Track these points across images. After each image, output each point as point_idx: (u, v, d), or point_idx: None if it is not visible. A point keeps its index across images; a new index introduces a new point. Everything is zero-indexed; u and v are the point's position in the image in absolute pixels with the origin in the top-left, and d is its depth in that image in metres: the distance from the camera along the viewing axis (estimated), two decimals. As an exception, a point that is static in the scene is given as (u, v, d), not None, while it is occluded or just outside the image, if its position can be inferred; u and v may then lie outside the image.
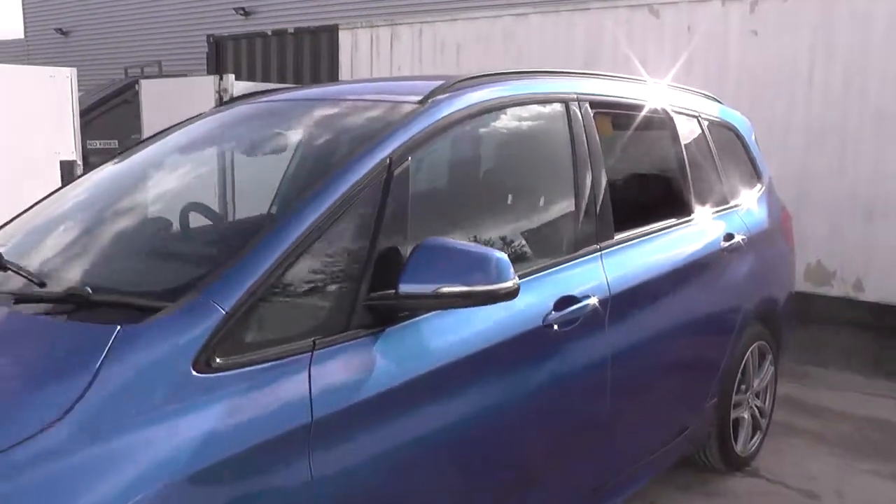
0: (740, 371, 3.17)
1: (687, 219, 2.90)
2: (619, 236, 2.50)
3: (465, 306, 1.76)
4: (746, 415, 3.31)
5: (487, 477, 2.00)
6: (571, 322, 2.17)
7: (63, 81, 5.46)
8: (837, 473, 3.37)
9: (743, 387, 3.24)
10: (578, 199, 2.39)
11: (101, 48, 16.82)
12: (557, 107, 2.43)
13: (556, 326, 2.12)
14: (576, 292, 2.21)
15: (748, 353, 3.20)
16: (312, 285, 1.68)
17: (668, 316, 2.65)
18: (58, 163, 5.50)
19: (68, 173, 5.54)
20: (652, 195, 2.91)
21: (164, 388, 1.42)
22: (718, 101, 3.64)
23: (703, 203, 3.04)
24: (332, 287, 1.71)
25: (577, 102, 2.48)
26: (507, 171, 2.43)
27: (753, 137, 3.74)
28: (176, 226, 2.16)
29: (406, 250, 1.79)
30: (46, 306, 1.67)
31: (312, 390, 1.57)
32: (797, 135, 5.42)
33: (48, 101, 5.42)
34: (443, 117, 2.03)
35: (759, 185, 3.52)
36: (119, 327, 1.45)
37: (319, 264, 1.69)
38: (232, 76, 6.51)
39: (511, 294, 1.75)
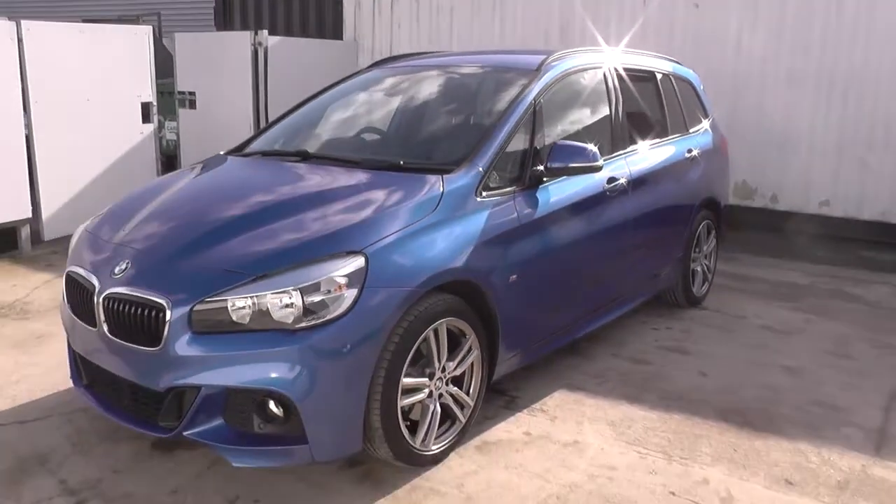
0: (695, 238, 5.35)
1: (665, 138, 5.02)
2: (631, 147, 4.58)
3: (578, 174, 3.79)
4: (699, 268, 5.52)
5: (581, 264, 4.07)
6: (614, 191, 4.24)
7: (143, 37, 7.10)
8: (757, 308, 5.64)
9: (697, 249, 5.42)
10: (613, 123, 4.46)
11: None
12: (600, 71, 4.48)
13: (608, 192, 4.19)
14: (615, 175, 4.28)
15: (700, 226, 5.39)
16: (511, 162, 3.67)
17: (658, 194, 4.76)
18: (139, 103, 7.16)
19: (146, 111, 7.22)
20: (646, 122, 4.96)
21: (465, 202, 3.38)
22: (678, 63, 5.75)
23: (674, 129, 5.17)
24: (518, 163, 3.70)
25: (608, 67, 4.54)
26: (582, 106, 4.43)
27: (702, 87, 5.89)
28: (420, 132, 4.09)
29: (544, 147, 3.79)
30: (374, 170, 3.59)
31: (517, 210, 3.58)
32: (728, 85, 7.66)
33: (131, 53, 7.05)
34: (551, 78, 4.04)
35: (706, 120, 5.68)
36: (441, 175, 3.40)
37: (511, 152, 3.68)
38: (265, 31, 8.18)
39: (600, 168, 3.80)
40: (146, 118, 7.23)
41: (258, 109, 8.20)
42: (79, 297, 3.29)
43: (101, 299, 3.10)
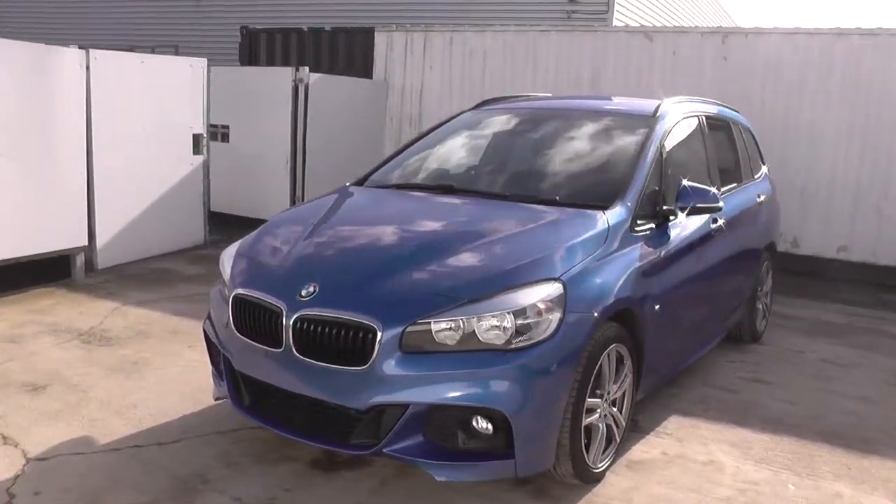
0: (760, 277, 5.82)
1: (743, 183, 5.49)
2: (723, 190, 5.01)
3: (703, 213, 4.20)
4: (761, 306, 5.97)
5: (697, 296, 4.45)
6: (716, 231, 4.66)
7: (199, 70, 7.28)
8: (809, 344, 6.13)
9: (760, 288, 5.88)
10: (710, 168, 4.89)
11: (31, 21, 17.39)
12: (697, 119, 4.92)
13: (712, 231, 4.60)
14: (716, 216, 4.69)
15: (764, 267, 5.85)
16: (648, 202, 4.02)
17: (743, 235, 5.22)
18: (191, 135, 7.32)
19: (197, 143, 7.38)
20: (730, 168, 5.41)
21: (624, 236, 3.74)
22: (738, 113, 6.26)
23: (745, 174, 5.65)
24: (651, 202, 4.04)
25: (702, 116, 4.99)
26: (688, 151, 4.83)
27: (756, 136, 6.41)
28: (559, 170, 4.41)
29: (670, 187, 4.16)
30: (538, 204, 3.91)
31: (657, 245, 3.94)
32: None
33: (187, 85, 7.23)
34: (669, 124, 4.46)
35: (764, 166, 6.19)
36: (602, 211, 3.74)
37: (648, 193, 4.03)
38: (306, 69, 8.45)
39: (721, 209, 4.20)
40: (197, 150, 7.39)
41: (296, 144, 8.42)
42: (255, 319, 3.44)
43: (291, 321, 3.28)
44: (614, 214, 3.76)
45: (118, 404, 4.33)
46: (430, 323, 3.13)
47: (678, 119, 4.62)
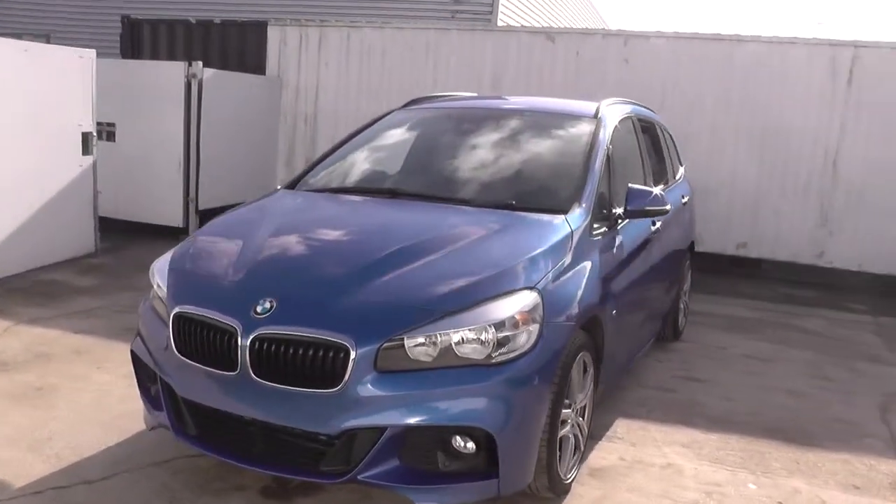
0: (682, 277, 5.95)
1: (670, 185, 5.57)
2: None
3: (651, 216, 4.18)
4: (682, 304, 6.10)
5: (642, 299, 4.45)
6: (654, 233, 4.67)
7: (87, 61, 6.70)
8: (728, 340, 6.32)
9: (681, 287, 6.00)
10: (644, 169, 4.92)
11: None
12: (631, 121, 4.93)
13: (652, 234, 4.63)
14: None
15: (686, 265, 5.98)
16: (600, 204, 3.96)
17: (673, 237, 5.28)
18: (80, 133, 6.72)
19: (86, 142, 6.79)
20: (659, 169, 5.48)
21: (586, 240, 3.65)
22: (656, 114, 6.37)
23: (671, 176, 5.74)
24: (601, 205, 3.97)
25: (635, 118, 5.02)
26: (627, 152, 4.80)
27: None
28: (506, 172, 4.27)
29: (617, 191, 4.13)
30: (494, 208, 3.77)
31: (612, 249, 3.89)
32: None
33: (75, 77, 6.63)
34: (612, 125, 4.43)
35: (682, 167, 6.33)
36: (562, 215, 3.65)
37: (599, 197, 3.97)
38: (200, 63, 7.96)
39: (668, 211, 4.21)
40: (86, 150, 6.79)
41: (189, 144, 7.93)
42: (202, 339, 3.10)
43: (247, 342, 3.00)
44: (575, 218, 3.67)
45: (29, 439, 3.85)
46: (407, 338, 2.93)
47: (617, 120, 4.61)
